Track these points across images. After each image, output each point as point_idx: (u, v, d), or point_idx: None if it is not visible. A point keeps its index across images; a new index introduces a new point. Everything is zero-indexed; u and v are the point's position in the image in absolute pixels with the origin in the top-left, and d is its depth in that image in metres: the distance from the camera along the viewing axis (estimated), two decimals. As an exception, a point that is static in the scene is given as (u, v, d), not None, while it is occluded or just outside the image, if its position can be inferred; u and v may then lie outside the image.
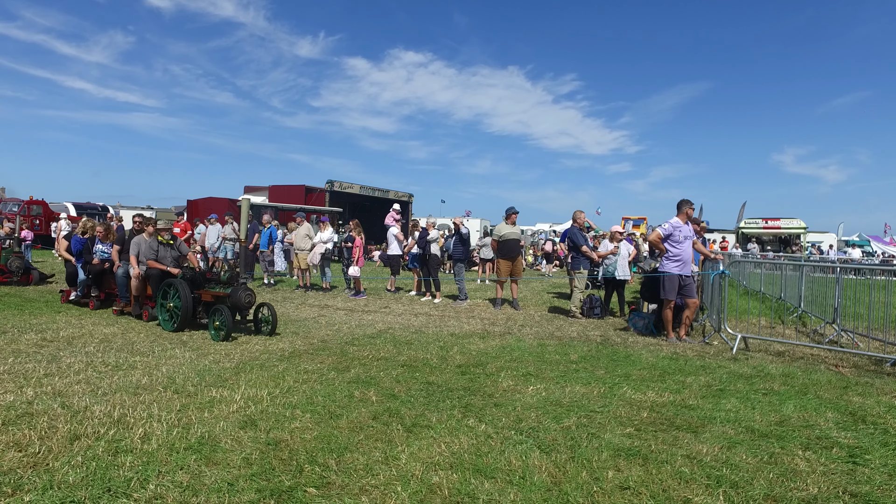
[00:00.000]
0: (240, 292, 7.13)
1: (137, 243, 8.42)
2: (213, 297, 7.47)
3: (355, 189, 26.12)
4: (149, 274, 8.24)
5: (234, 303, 7.13)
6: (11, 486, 2.83)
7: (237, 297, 7.12)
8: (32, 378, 4.80)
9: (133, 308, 8.48)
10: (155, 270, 8.19)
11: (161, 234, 8.55)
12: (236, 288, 7.22)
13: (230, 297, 7.19)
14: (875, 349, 7.13)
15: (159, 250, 8.42)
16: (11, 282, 11.73)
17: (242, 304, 7.14)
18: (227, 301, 7.20)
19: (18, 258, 12.13)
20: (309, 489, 2.93)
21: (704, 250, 9.10)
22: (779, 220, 33.84)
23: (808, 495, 3.03)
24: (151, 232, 8.52)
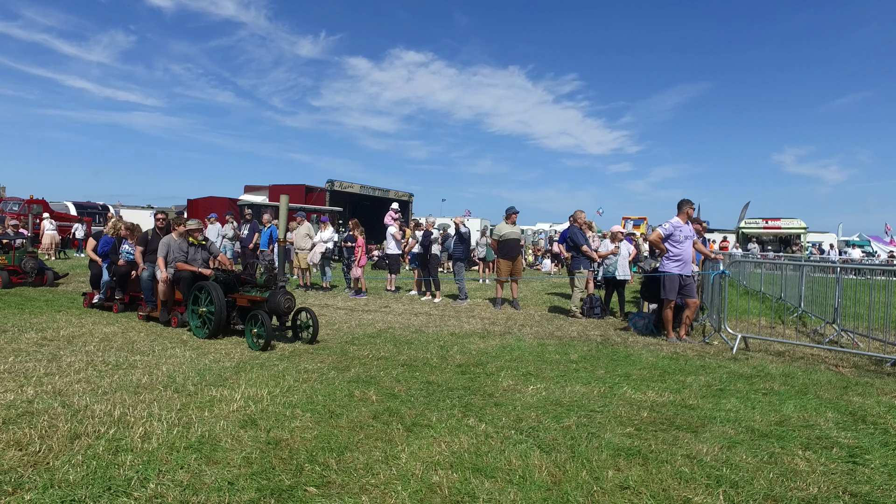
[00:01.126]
0: (279, 296, 6.60)
1: (166, 244, 7.86)
2: (250, 302, 6.99)
3: (355, 188, 26.13)
4: (178, 277, 7.67)
5: (273, 308, 6.61)
6: (12, 485, 2.84)
7: (276, 302, 6.59)
8: (33, 377, 4.80)
9: (160, 314, 7.90)
10: (185, 273, 7.60)
11: (192, 235, 7.97)
12: (274, 292, 6.69)
13: (268, 301, 6.67)
14: (875, 349, 7.13)
15: (189, 251, 7.87)
16: (26, 283, 11.52)
17: (282, 310, 6.62)
18: (265, 306, 6.70)
19: (32, 258, 11.88)
20: (309, 488, 2.93)
21: (705, 250, 9.10)
22: (779, 220, 33.85)
23: (808, 495, 3.03)
24: (181, 232, 7.98)
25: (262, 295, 6.87)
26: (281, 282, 6.79)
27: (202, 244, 8.07)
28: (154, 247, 8.21)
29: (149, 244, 8.48)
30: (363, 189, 26.48)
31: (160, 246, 7.85)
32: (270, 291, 6.76)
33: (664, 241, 7.79)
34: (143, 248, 8.53)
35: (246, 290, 7.20)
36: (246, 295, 7.08)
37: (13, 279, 11.38)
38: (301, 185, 24.87)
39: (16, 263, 11.68)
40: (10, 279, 11.24)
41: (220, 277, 7.34)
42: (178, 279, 7.71)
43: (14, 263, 11.72)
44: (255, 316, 6.53)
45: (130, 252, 8.92)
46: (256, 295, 6.96)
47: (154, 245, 8.25)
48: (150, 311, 8.16)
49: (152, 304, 8.18)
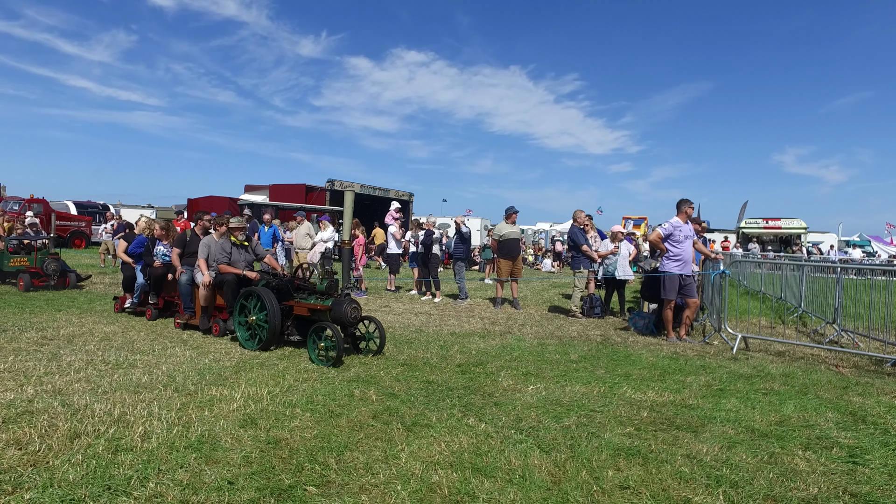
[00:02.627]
0: (345, 305, 5.86)
1: (207, 245, 7.27)
2: (310, 311, 6.21)
3: (356, 188, 26.10)
4: (222, 280, 7.04)
5: (338, 318, 5.87)
6: (12, 484, 2.84)
7: (342, 312, 5.85)
8: (33, 376, 4.80)
9: (200, 321, 7.27)
10: (230, 276, 6.97)
11: (234, 234, 7.36)
12: (340, 300, 5.94)
13: (332, 310, 5.92)
14: (875, 349, 7.13)
15: (233, 252, 7.26)
16: (48, 286, 10.94)
17: (348, 320, 5.89)
18: (328, 315, 5.96)
19: (55, 260, 11.26)
20: (309, 488, 2.93)
21: (705, 250, 9.09)
22: (779, 220, 33.85)
23: (808, 495, 3.03)
24: (223, 232, 7.44)
25: (324, 303, 6.08)
26: (346, 288, 6.08)
27: (245, 244, 7.46)
28: (193, 249, 7.76)
29: (187, 245, 7.93)
30: (363, 189, 26.47)
31: (200, 247, 7.32)
32: (334, 299, 6.03)
33: (664, 241, 7.79)
34: (180, 249, 7.95)
35: (302, 296, 6.42)
36: (304, 303, 6.28)
37: (35, 282, 10.84)
38: (301, 184, 24.86)
39: (38, 265, 11.17)
40: (31, 282, 10.73)
41: (271, 282, 6.61)
42: (220, 283, 7.10)
43: (36, 265, 11.20)
44: (320, 328, 5.75)
45: (166, 254, 8.34)
46: (317, 303, 6.15)
47: (193, 247, 7.79)
48: (189, 318, 7.54)
49: (191, 311, 7.57)
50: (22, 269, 11.09)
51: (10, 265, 11.21)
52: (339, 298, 5.99)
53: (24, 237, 12.16)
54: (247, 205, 20.00)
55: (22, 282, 10.65)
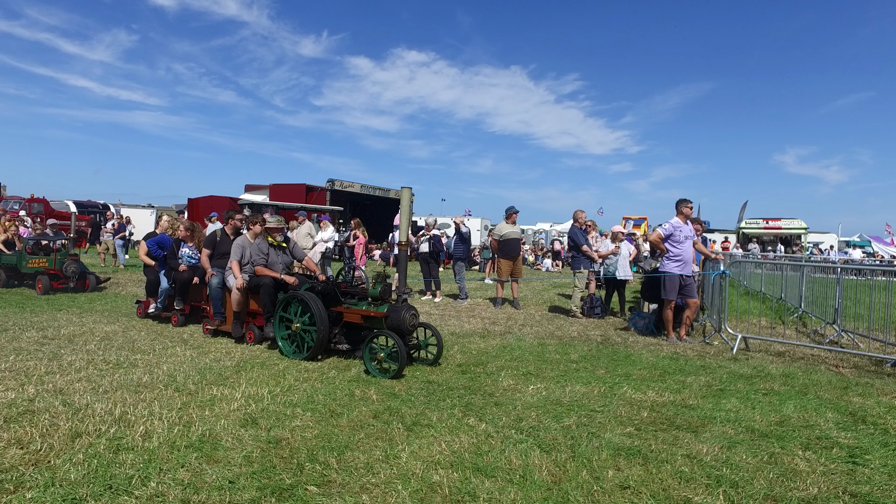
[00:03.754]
0: (403, 312, 5.42)
1: (241, 246, 6.81)
2: (364, 318, 5.75)
3: (356, 188, 26.12)
4: (258, 284, 6.50)
5: (396, 325, 5.38)
6: (13, 484, 2.84)
7: (400, 318, 5.39)
8: (34, 376, 4.81)
9: (233, 328, 6.75)
10: (267, 280, 6.42)
11: (272, 235, 6.85)
12: (397, 306, 5.50)
13: (389, 317, 5.45)
14: (875, 350, 7.13)
15: (270, 254, 6.71)
16: (67, 288, 10.60)
17: (407, 328, 5.40)
18: (384, 323, 5.50)
19: (75, 261, 10.87)
20: (310, 487, 2.93)
21: (705, 250, 9.10)
22: (779, 220, 33.87)
23: (808, 495, 3.03)
24: (258, 232, 6.98)
25: (379, 310, 5.61)
26: (403, 294, 5.64)
27: (283, 245, 6.93)
28: (223, 250, 7.30)
29: (217, 247, 7.46)
30: (363, 189, 26.47)
31: (234, 248, 6.83)
32: (390, 306, 5.58)
33: (664, 242, 7.80)
34: (210, 251, 7.44)
35: (352, 302, 5.97)
36: (356, 309, 5.80)
37: (54, 284, 10.53)
38: (302, 184, 24.86)
39: (57, 267, 10.80)
40: (51, 284, 10.40)
41: (317, 287, 6.09)
42: (256, 287, 6.57)
43: (55, 267, 10.82)
44: (377, 337, 5.33)
45: (192, 256, 7.90)
46: (371, 310, 5.68)
47: (223, 248, 7.33)
48: (219, 324, 7.04)
49: (221, 317, 7.08)
50: (41, 270, 10.74)
51: (29, 267, 10.87)
52: (395, 304, 5.55)
53: (43, 237, 11.79)
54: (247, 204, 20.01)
55: (41, 284, 10.34)
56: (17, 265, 11.04)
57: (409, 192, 5.73)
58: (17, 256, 11.14)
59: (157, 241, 8.32)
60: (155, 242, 8.31)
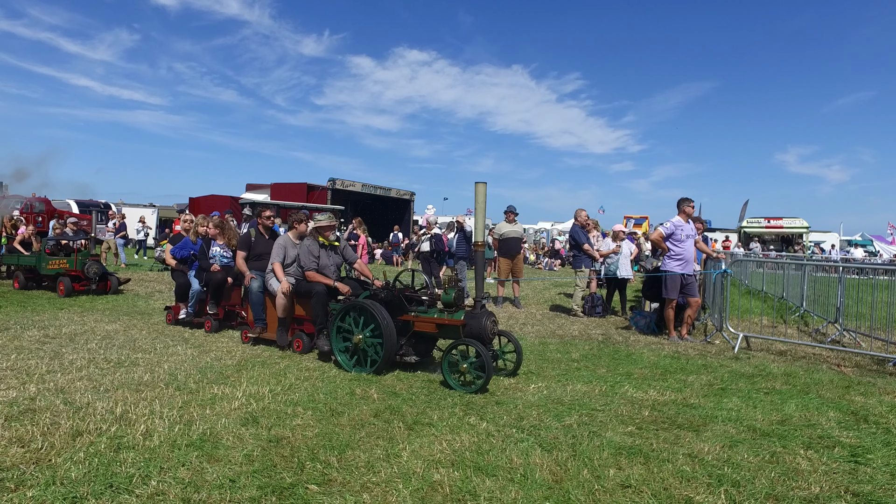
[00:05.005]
0: (484, 319, 4.95)
1: (283, 246, 6.32)
2: (438, 327, 5.22)
3: (357, 187, 26.11)
4: (308, 291, 5.93)
5: (477, 334, 4.90)
6: (14, 482, 2.84)
7: (482, 326, 4.90)
8: (35, 374, 4.81)
9: (278, 336, 6.23)
10: (320, 286, 5.83)
11: (324, 235, 6.18)
12: (476, 313, 5.01)
13: (469, 325, 4.97)
14: (877, 349, 7.11)
15: (321, 256, 6.07)
16: (88, 290, 10.17)
17: (488, 337, 4.92)
18: (461, 332, 5.03)
19: (96, 262, 10.46)
20: (310, 486, 2.93)
21: (706, 249, 9.09)
22: (781, 219, 33.83)
23: (810, 494, 3.03)
24: (303, 231, 6.42)
25: (455, 317, 5.10)
26: (481, 298, 5.11)
27: (335, 245, 6.29)
28: (259, 251, 6.80)
29: (252, 247, 6.90)
30: (364, 188, 26.46)
31: (275, 248, 6.31)
32: (467, 312, 5.09)
33: (665, 241, 7.78)
34: (245, 252, 6.84)
35: (421, 309, 5.42)
36: (428, 317, 5.26)
37: (76, 286, 10.06)
38: (302, 183, 24.86)
39: (78, 268, 10.30)
40: (72, 286, 9.96)
41: (379, 294, 5.51)
42: (306, 293, 5.98)
43: (76, 268, 10.32)
44: (458, 346, 4.88)
45: (224, 255, 7.41)
46: (445, 318, 5.16)
47: (259, 248, 6.83)
48: (261, 331, 6.47)
49: (262, 324, 6.49)
50: (61, 272, 10.30)
51: (49, 268, 10.47)
52: (473, 311, 5.05)
53: (63, 237, 11.35)
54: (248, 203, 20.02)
55: (62, 286, 9.96)
56: (37, 266, 10.66)
57: (483, 187, 5.15)
58: (36, 257, 10.75)
59: (180, 248, 7.88)
60: (178, 249, 7.86)
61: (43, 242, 11.12)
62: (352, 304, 5.46)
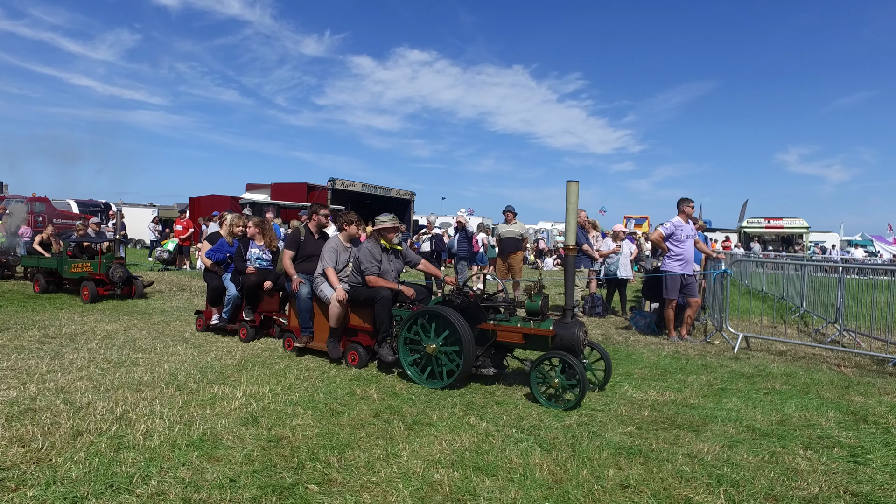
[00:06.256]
0: (576, 329, 4.59)
1: (334, 249, 5.84)
2: (524, 338, 4.83)
3: (357, 187, 26.10)
4: (372, 297, 5.41)
5: (568, 345, 4.55)
6: (15, 482, 2.85)
7: (573, 336, 4.54)
8: (35, 374, 4.82)
9: (330, 347, 5.69)
10: (386, 292, 5.36)
11: (386, 238, 5.73)
12: (567, 323, 4.63)
13: (559, 336, 4.59)
14: (877, 349, 7.11)
15: (383, 261, 5.63)
16: (113, 294, 9.69)
17: (579, 347, 4.58)
18: (549, 342, 4.67)
19: (121, 266, 9.89)
20: (310, 486, 2.94)
21: (706, 249, 9.09)
22: (781, 219, 33.82)
23: (809, 494, 3.03)
24: (353, 233, 6.04)
25: (543, 327, 4.73)
26: (571, 307, 4.73)
27: (397, 249, 5.86)
28: (308, 251, 6.33)
29: (301, 248, 6.39)
30: (365, 188, 26.47)
31: (327, 252, 5.82)
32: (555, 322, 4.73)
33: (665, 241, 7.79)
34: (293, 252, 6.33)
35: (501, 318, 5.04)
36: (512, 326, 4.87)
37: (100, 291, 9.57)
38: (303, 183, 24.86)
39: (102, 272, 9.75)
40: (97, 291, 9.48)
41: (455, 301, 5.05)
42: (365, 299, 5.51)
43: (100, 272, 9.77)
44: (548, 359, 4.54)
45: (262, 257, 7.02)
46: (532, 327, 4.79)
47: (308, 249, 6.35)
48: (307, 341, 5.98)
49: (310, 332, 6.02)
50: (85, 275, 9.75)
51: (72, 271, 9.91)
52: (563, 320, 4.69)
53: (85, 239, 10.86)
54: (248, 203, 20.03)
55: (86, 291, 9.44)
56: (59, 269, 10.14)
57: (576, 185, 4.77)
58: (58, 260, 10.24)
59: (216, 249, 7.32)
60: (214, 251, 7.31)
61: (64, 244, 10.57)
62: (423, 311, 5.05)
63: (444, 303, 5.11)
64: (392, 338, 5.31)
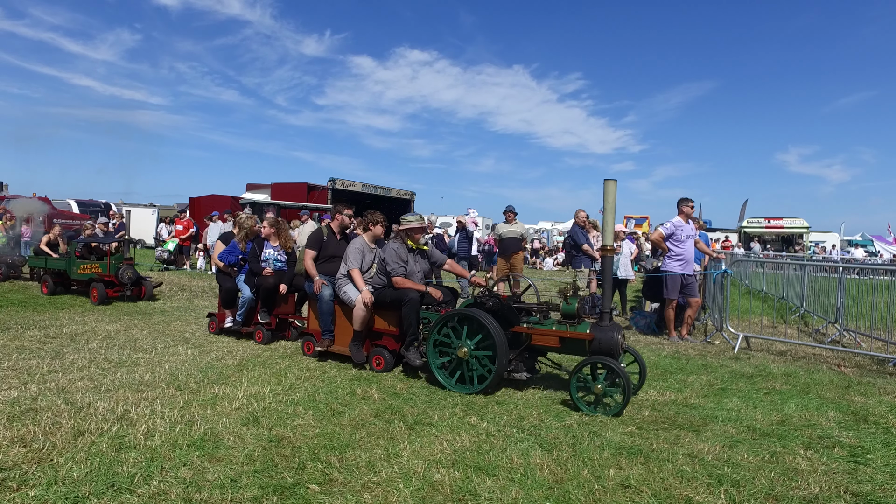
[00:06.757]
0: (615, 333, 4.46)
1: (360, 250, 5.69)
2: (561, 341, 4.68)
3: (357, 187, 26.10)
4: (399, 299, 5.26)
5: (607, 349, 4.43)
6: (17, 482, 2.85)
7: (612, 341, 4.42)
8: (36, 374, 4.82)
9: (353, 351, 5.51)
10: (414, 294, 5.24)
11: (413, 238, 5.58)
12: (606, 326, 4.50)
13: (598, 339, 4.47)
14: (877, 349, 7.12)
15: (409, 261, 5.50)
16: (123, 296, 9.55)
17: (618, 351, 4.46)
18: (587, 346, 4.55)
19: (130, 266, 9.72)
20: (311, 486, 2.94)
21: (707, 249, 9.10)
22: (781, 219, 33.82)
23: (810, 494, 3.03)
24: (378, 234, 5.92)
25: (580, 330, 4.60)
26: (608, 310, 4.58)
27: (424, 249, 5.72)
28: (331, 252, 6.15)
29: (323, 248, 6.22)
30: (365, 188, 26.46)
31: (352, 252, 5.65)
32: (593, 325, 4.59)
33: (666, 241, 7.79)
34: (315, 252, 6.15)
35: (535, 320, 4.88)
36: (548, 330, 4.72)
37: (109, 292, 9.38)
38: (303, 183, 24.87)
39: (112, 273, 9.60)
40: (106, 293, 9.30)
41: (486, 303, 4.89)
42: (391, 301, 5.37)
43: (109, 273, 9.63)
44: (589, 364, 4.44)
45: (279, 259, 6.88)
46: (569, 331, 4.65)
47: (332, 250, 6.17)
48: (329, 344, 5.82)
49: (331, 336, 5.87)
50: (94, 277, 9.61)
51: (80, 272, 9.83)
52: (601, 323, 4.54)
53: (93, 239, 10.80)
54: (248, 203, 20.03)
55: (96, 292, 9.27)
56: (67, 270, 10.03)
57: (613, 184, 4.64)
58: (66, 261, 10.13)
59: (229, 252, 7.05)
60: (226, 253, 7.05)
61: (72, 244, 10.40)
62: (454, 313, 4.92)
63: (475, 305, 4.96)
64: (419, 341, 5.20)
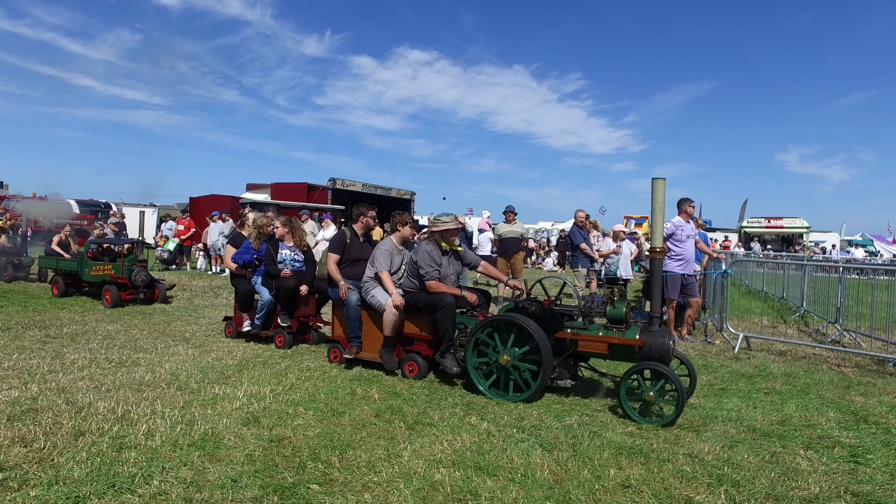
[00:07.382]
0: (666, 338, 4.28)
1: (389, 252, 5.44)
2: (609, 348, 4.47)
3: (357, 187, 26.10)
4: (434, 304, 5.02)
5: (659, 355, 4.24)
6: (17, 481, 2.85)
7: (664, 347, 4.24)
8: (37, 374, 4.82)
9: (385, 358, 5.28)
10: (450, 298, 4.99)
11: (447, 240, 5.32)
12: (656, 331, 4.33)
13: (649, 345, 4.28)
14: (878, 349, 7.12)
15: (442, 264, 5.24)
16: (136, 299, 9.29)
17: (669, 357, 4.28)
18: (637, 353, 4.37)
19: (143, 269, 9.45)
20: (312, 486, 2.94)
21: (707, 249, 9.10)
22: (781, 219, 33.83)
23: (810, 494, 3.03)
24: (406, 235, 5.67)
25: (629, 335, 4.40)
26: (660, 314, 4.44)
27: (457, 249, 5.46)
28: (355, 255, 5.90)
29: (346, 251, 5.94)
30: (365, 188, 26.46)
31: (380, 255, 5.42)
32: (642, 329, 4.41)
33: (666, 241, 7.79)
34: (338, 256, 5.87)
35: (579, 325, 4.67)
36: (595, 336, 4.51)
37: (122, 295, 9.15)
38: (303, 183, 24.87)
39: (125, 275, 9.39)
40: (119, 296, 9.06)
41: (529, 308, 4.71)
42: (425, 305, 5.13)
43: (122, 275, 9.43)
44: (640, 371, 4.24)
45: (296, 259, 6.63)
46: (617, 336, 4.44)
47: (356, 253, 5.91)
48: (357, 351, 5.52)
49: (359, 343, 5.58)
50: (106, 279, 9.42)
51: (93, 274, 9.63)
52: (651, 327, 4.37)
53: (104, 240, 10.56)
54: (248, 203, 20.03)
55: (109, 295, 9.04)
56: (79, 272, 9.83)
57: (662, 183, 4.42)
58: (78, 263, 9.93)
59: (242, 252, 6.81)
60: (240, 254, 6.81)
61: (84, 245, 10.21)
62: (495, 319, 4.74)
63: (516, 309, 4.78)
64: (456, 347, 5.01)
